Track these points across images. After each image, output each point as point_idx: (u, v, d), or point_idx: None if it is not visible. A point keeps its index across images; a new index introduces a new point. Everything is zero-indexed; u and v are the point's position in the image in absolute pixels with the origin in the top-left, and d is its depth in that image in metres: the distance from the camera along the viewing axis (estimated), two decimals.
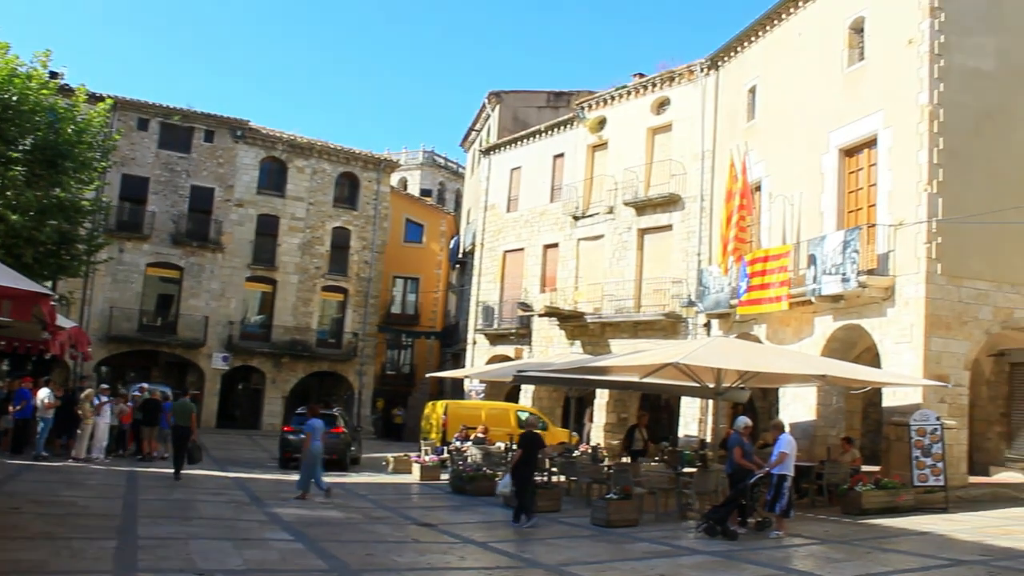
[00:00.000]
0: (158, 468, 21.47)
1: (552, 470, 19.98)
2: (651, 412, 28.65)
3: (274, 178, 40.91)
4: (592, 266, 31.92)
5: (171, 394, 26.84)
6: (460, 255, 45.16)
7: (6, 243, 19.84)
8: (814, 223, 21.94)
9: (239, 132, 39.78)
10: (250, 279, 40.03)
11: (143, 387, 27.48)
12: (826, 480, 18.22)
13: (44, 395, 21.45)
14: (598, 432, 29.92)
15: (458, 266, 46.37)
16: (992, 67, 19.68)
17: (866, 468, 19.10)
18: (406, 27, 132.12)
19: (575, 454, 21.61)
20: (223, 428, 37.45)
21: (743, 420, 14.73)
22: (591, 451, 22.87)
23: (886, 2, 20.73)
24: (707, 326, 26.61)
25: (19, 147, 20.76)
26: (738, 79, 26.97)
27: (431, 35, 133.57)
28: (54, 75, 24.82)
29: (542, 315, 32.46)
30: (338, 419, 24.98)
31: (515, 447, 17.11)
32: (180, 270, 38.39)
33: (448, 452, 23.62)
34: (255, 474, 22.15)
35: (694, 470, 17.97)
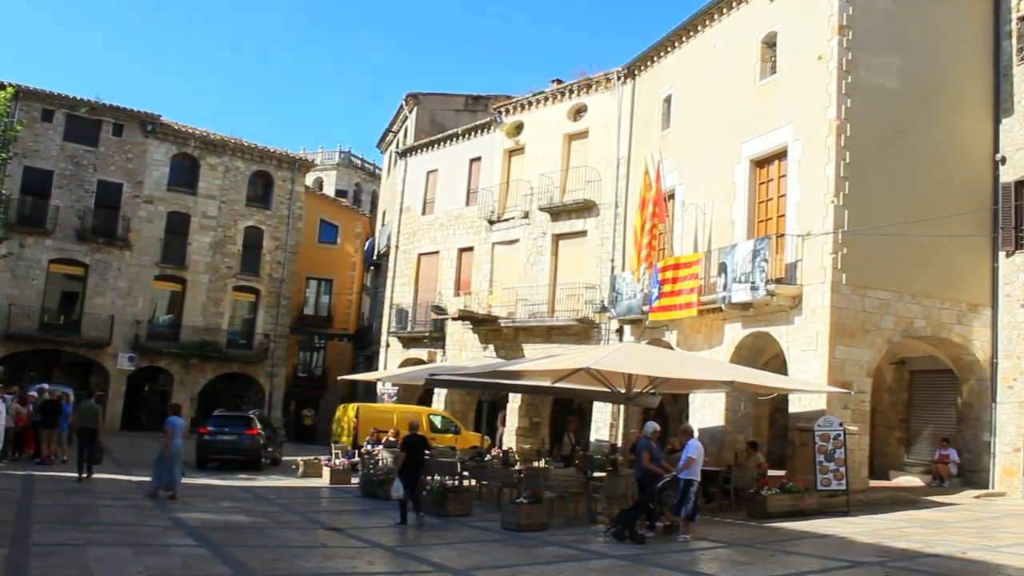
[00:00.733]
0: (57, 472, 20.81)
1: (463, 474, 19.94)
2: (563, 417, 28.66)
3: (186, 175, 40.01)
4: (507, 270, 32.00)
5: (73, 395, 26.10)
6: (375, 257, 44.81)
7: None
8: (725, 232, 22.33)
9: (150, 127, 38.80)
10: (159, 278, 39.05)
11: (43, 387, 26.54)
12: (733, 484, 18.52)
13: None
14: (511, 436, 29.96)
15: (372, 268, 46.01)
16: (896, 85, 20.33)
17: (773, 473, 19.48)
18: (324, 26, 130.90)
19: (487, 458, 21.61)
20: (128, 431, 36.45)
21: (651, 425, 14.91)
22: (503, 455, 22.90)
23: (797, 18, 21.22)
24: (620, 332, 26.87)
25: None
26: (654, 88, 27.32)
27: (350, 35, 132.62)
28: None
29: (456, 319, 32.42)
30: (253, 421, 25.69)
31: (400, 450, 17.37)
32: (85, 267, 37.26)
33: (359, 455, 23.41)
34: None
35: (604, 474, 18.10)
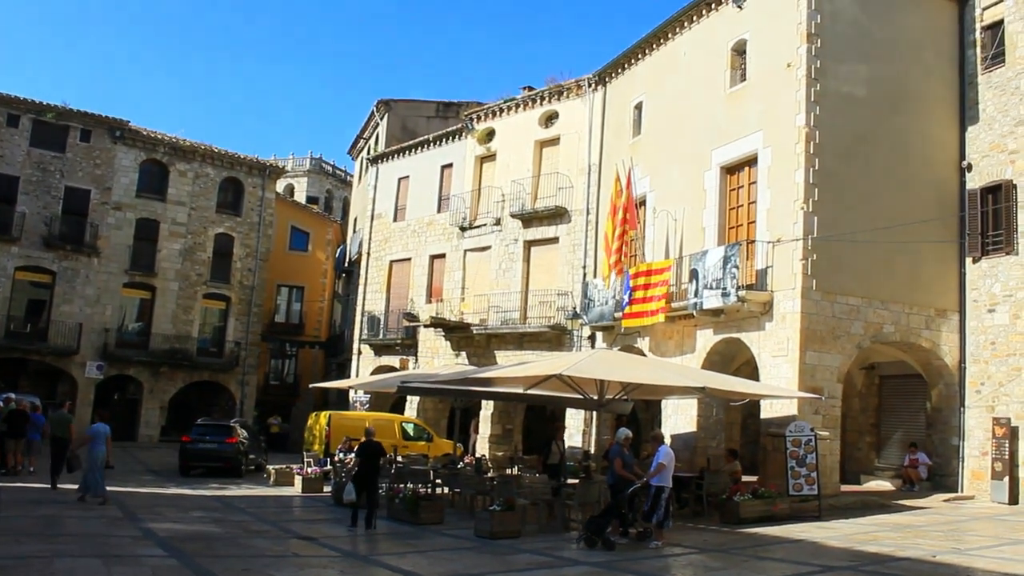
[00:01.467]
0: (24, 483, 20.51)
1: (436, 482, 19.87)
2: (536, 423, 28.60)
3: (155, 181, 39.62)
4: (479, 277, 31.97)
5: (40, 404, 25.76)
6: (346, 264, 44.64)
7: None
8: (696, 238, 22.44)
9: (118, 132, 38.42)
10: (128, 285, 38.62)
11: (10, 397, 26.14)
12: (705, 490, 18.59)
13: None
14: (484, 443, 29.91)
15: (344, 275, 45.82)
16: (864, 93, 20.56)
17: (746, 478, 19.58)
18: (296, 32, 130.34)
19: (460, 465, 21.55)
20: None
21: (624, 432, 14.95)
22: (476, 462, 22.84)
23: (767, 26, 21.39)
24: (592, 338, 26.92)
25: None
26: (625, 95, 27.43)
27: (321, 41, 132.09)
28: None
29: (428, 326, 32.35)
30: (234, 430, 26.53)
31: (355, 456, 17.72)
32: (52, 274, 36.76)
33: (331, 464, 23.27)
34: (130, 487, 21.36)
35: (577, 481, 18.10)
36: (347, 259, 44.55)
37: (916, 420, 22.99)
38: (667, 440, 16.41)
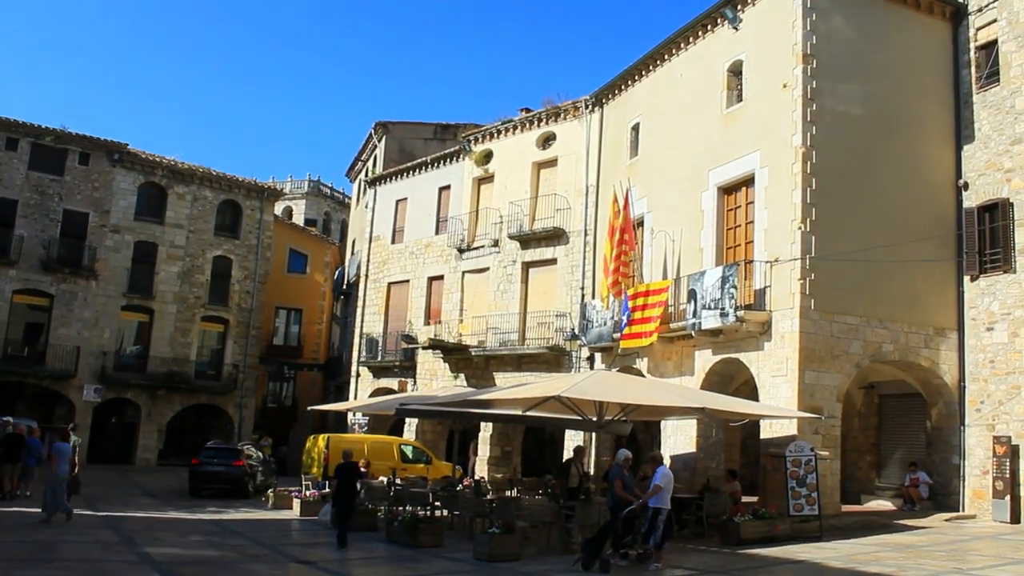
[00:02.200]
0: (20, 507, 20.39)
1: (435, 504, 19.77)
2: (535, 446, 28.40)
3: (153, 204, 39.67)
4: (477, 299, 31.95)
5: (37, 428, 25.65)
6: (344, 286, 44.61)
7: None
8: (694, 259, 22.44)
9: (117, 156, 38.47)
10: (126, 308, 38.56)
11: (7, 421, 26.05)
12: (705, 511, 18.49)
13: None
14: (483, 465, 29.81)
15: (342, 297, 45.79)
16: (860, 112, 20.63)
17: (746, 499, 19.48)
18: (294, 55, 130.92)
19: (459, 488, 21.45)
20: (94, 463, 35.77)
21: (624, 453, 14.90)
22: (475, 484, 22.73)
23: (762, 47, 21.48)
24: (590, 359, 26.87)
25: None
26: (622, 116, 27.50)
27: (319, 64, 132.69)
28: None
29: (426, 348, 32.28)
30: (241, 453, 27.48)
31: (332, 478, 18.58)
32: (50, 298, 36.73)
33: (329, 487, 23.13)
34: (128, 512, 21.26)
35: (576, 503, 18.01)
36: (345, 281, 44.53)
37: (916, 439, 22.91)
38: (667, 461, 16.34)
